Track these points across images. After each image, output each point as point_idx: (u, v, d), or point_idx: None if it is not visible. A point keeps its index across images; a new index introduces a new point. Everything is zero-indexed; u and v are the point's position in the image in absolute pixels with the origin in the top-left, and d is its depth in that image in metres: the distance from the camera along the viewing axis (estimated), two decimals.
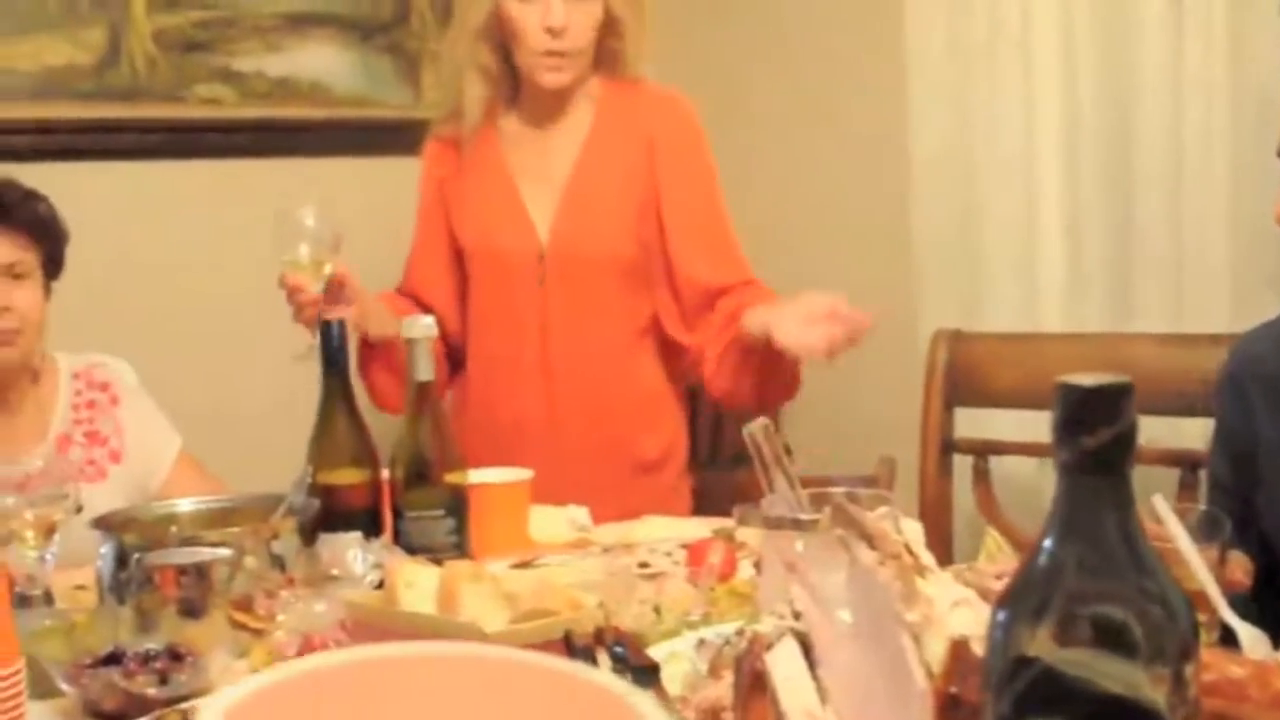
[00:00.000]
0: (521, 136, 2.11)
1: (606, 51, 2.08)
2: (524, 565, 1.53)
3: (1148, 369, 2.11)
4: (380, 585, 1.29)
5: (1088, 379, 0.57)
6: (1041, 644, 0.58)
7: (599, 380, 2.07)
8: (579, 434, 2.05)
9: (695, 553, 1.54)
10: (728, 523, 1.68)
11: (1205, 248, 2.26)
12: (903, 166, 2.59)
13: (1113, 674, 0.57)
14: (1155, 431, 2.21)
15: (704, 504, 2.16)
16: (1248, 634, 1.13)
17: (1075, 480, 0.57)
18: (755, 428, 1.41)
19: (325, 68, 2.81)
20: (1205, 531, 1.23)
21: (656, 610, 1.29)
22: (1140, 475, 1.88)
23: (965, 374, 2.21)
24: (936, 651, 0.78)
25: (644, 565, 1.60)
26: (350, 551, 1.32)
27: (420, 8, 2.94)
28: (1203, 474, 1.94)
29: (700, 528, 1.76)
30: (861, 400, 2.82)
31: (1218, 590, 1.14)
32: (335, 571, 1.30)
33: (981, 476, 2.19)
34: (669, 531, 1.75)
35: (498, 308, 2.10)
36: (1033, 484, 2.32)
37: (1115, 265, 2.38)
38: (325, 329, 1.55)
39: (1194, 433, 2.08)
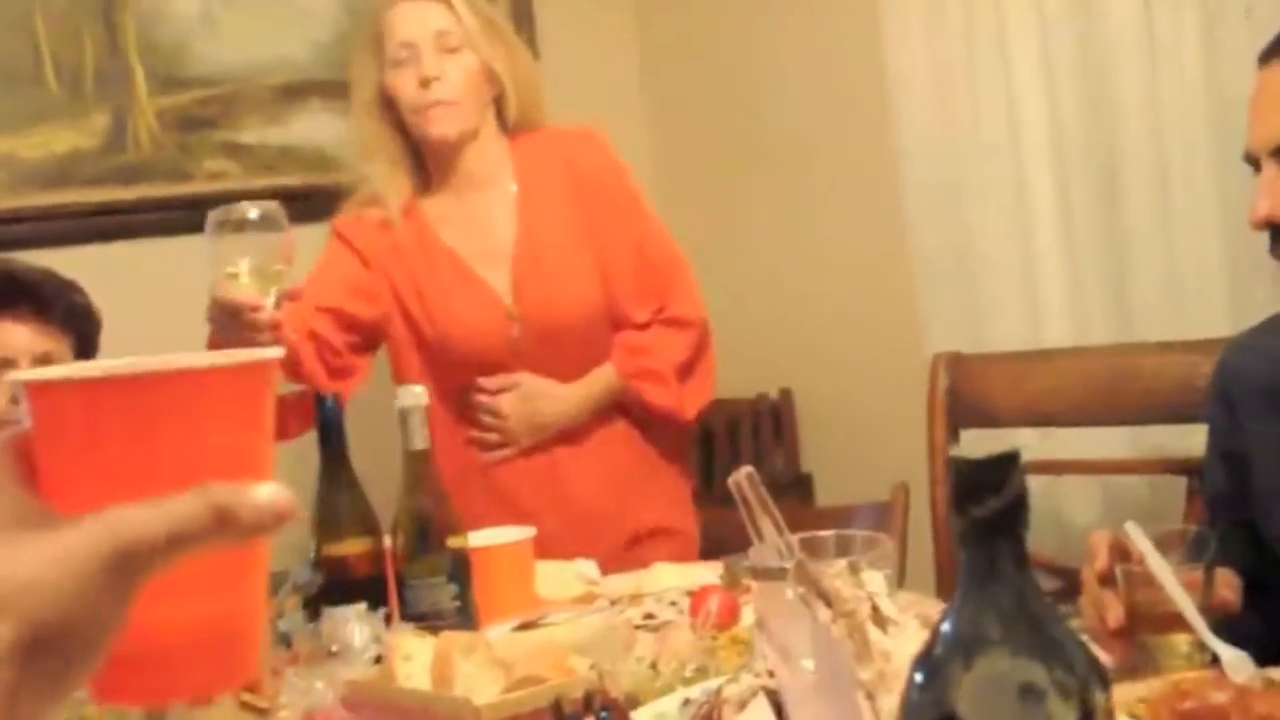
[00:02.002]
0: (451, 217, 2.12)
1: (502, 108, 2.12)
2: (529, 626, 1.55)
3: (1151, 377, 2.11)
4: (380, 659, 1.32)
5: (977, 452, 0.59)
6: (955, 702, 0.60)
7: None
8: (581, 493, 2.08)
9: (696, 601, 1.56)
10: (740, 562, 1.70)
11: (1199, 249, 2.26)
12: (896, 194, 2.60)
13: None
14: (1161, 440, 2.22)
15: (719, 541, 2.18)
16: (1230, 656, 1.14)
17: (972, 547, 0.59)
18: (740, 476, 1.43)
19: (324, 134, 2.87)
20: (1194, 552, 1.24)
21: (653, 666, 1.31)
22: (1149, 485, 1.89)
23: (968, 397, 2.22)
24: (890, 707, 0.80)
25: (649, 616, 1.63)
26: (350, 626, 1.35)
27: None
28: None
29: (709, 573, 1.78)
30: (875, 428, 2.84)
31: (1195, 612, 1.15)
32: (335, 647, 1.33)
33: None
34: (678, 579, 1.77)
35: (470, 383, 2.08)
36: (1042, 502, 2.32)
37: (1113, 275, 2.38)
38: (320, 406, 1.58)
39: (1201, 439, 2.08)
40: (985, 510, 0.58)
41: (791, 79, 2.91)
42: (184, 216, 2.68)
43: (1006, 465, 0.58)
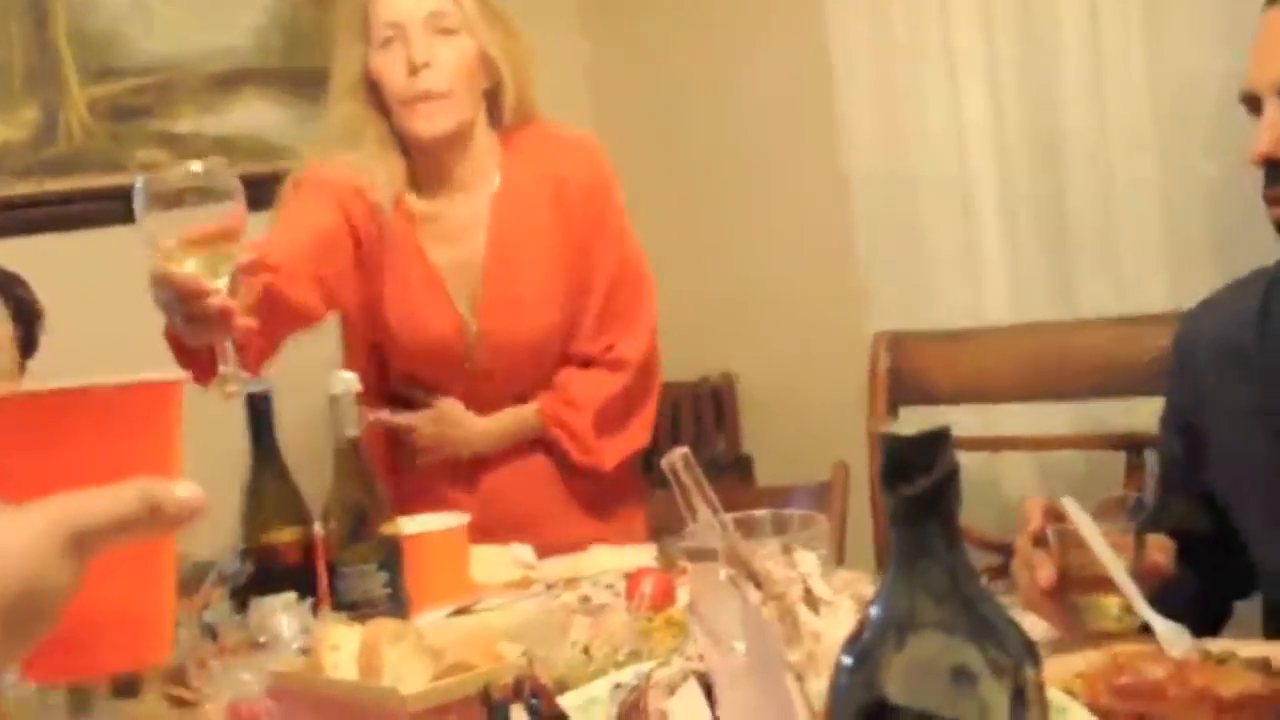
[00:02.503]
0: (430, 216, 1.95)
1: (493, 102, 1.94)
2: (462, 612, 1.53)
3: (1092, 353, 2.12)
4: (306, 649, 1.29)
5: (907, 429, 0.57)
6: (885, 684, 0.58)
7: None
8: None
9: (632, 584, 1.54)
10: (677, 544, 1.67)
11: (1139, 228, 2.26)
12: (837, 172, 2.59)
13: (955, 704, 0.57)
14: (1100, 415, 2.23)
15: (660, 524, 2.15)
16: (1164, 630, 1.13)
17: (903, 526, 0.57)
18: (674, 457, 1.41)
19: (262, 123, 2.82)
20: (1133, 518, 1.24)
21: (586, 650, 1.29)
22: (1088, 460, 1.89)
23: (908, 376, 2.21)
24: (820, 689, 0.78)
25: (585, 600, 1.60)
26: (278, 616, 1.32)
27: None
28: (1148, 455, 1.94)
29: (647, 555, 1.76)
30: (815, 407, 2.83)
31: (1128, 580, 1.15)
32: (262, 638, 1.30)
33: None
34: (615, 561, 1.75)
35: (422, 380, 2.00)
36: (981, 478, 2.33)
37: (1054, 254, 2.38)
38: (251, 405, 1.52)
39: (1145, 413, 2.09)
40: (915, 489, 0.56)
41: (736, 65, 2.90)
42: (117, 207, 2.61)
43: (937, 442, 0.56)
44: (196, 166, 1.35)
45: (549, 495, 1.98)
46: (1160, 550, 1.23)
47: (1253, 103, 1.32)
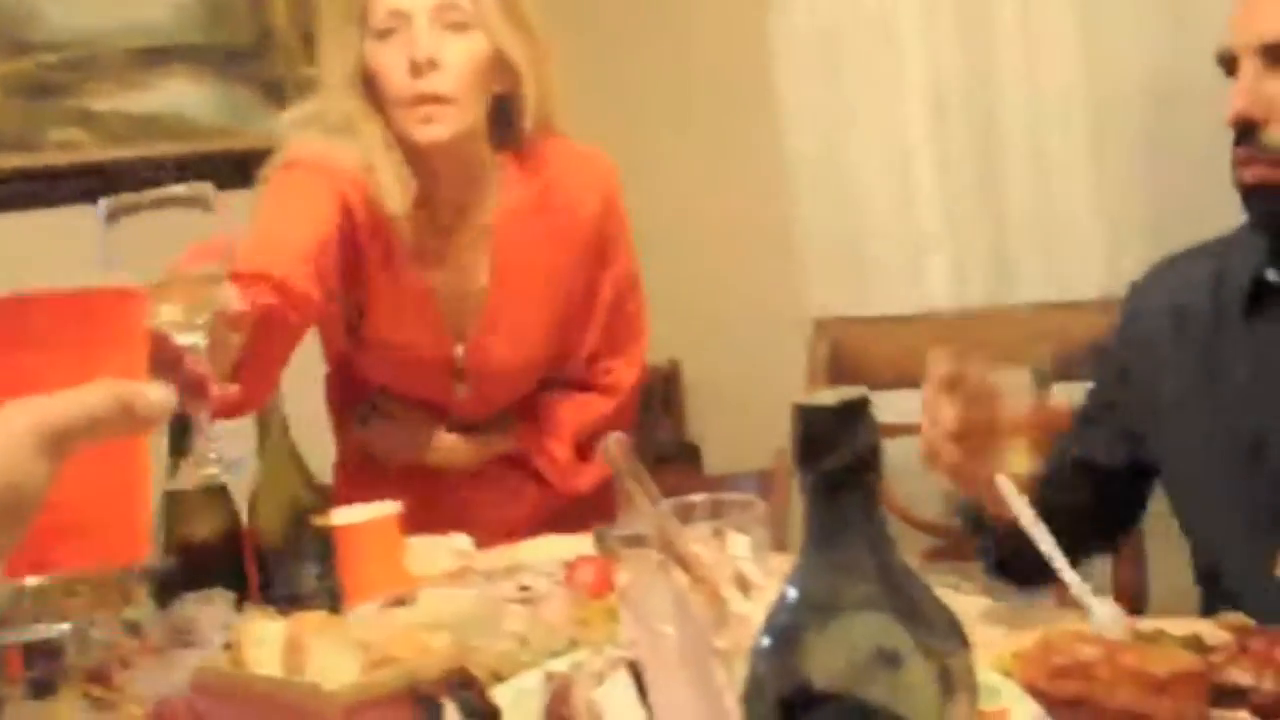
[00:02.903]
0: (426, 231, 1.74)
1: (506, 111, 1.72)
2: (396, 604, 1.49)
3: (1032, 338, 2.12)
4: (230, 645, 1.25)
5: (826, 396, 0.55)
6: (807, 669, 0.56)
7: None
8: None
9: (570, 571, 1.51)
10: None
11: (1075, 211, 2.28)
12: (778, 159, 2.58)
13: (881, 687, 0.55)
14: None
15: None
16: (1102, 612, 1.12)
17: (820, 502, 0.55)
18: (610, 442, 1.39)
19: (186, 101, 2.75)
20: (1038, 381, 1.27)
21: (522, 641, 1.27)
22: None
23: (848, 361, 2.21)
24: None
25: (524, 589, 1.58)
26: (204, 612, 1.28)
27: (280, 32, 2.88)
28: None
29: (587, 543, 1.72)
30: (761, 396, 2.81)
31: (1064, 562, 1.15)
32: (187, 635, 1.26)
33: None
34: (556, 550, 1.72)
35: (403, 388, 1.86)
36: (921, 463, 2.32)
37: (994, 238, 2.39)
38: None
39: (1076, 398, 2.10)
40: (831, 463, 0.53)
41: (673, 50, 2.87)
42: (30, 189, 2.55)
43: (854, 413, 0.54)
44: (179, 189, 1.06)
45: (523, 512, 1.88)
46: (1060, 409, 1.26)
47: (1229, 64, 1.30)
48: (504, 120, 1.74)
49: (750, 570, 0.88)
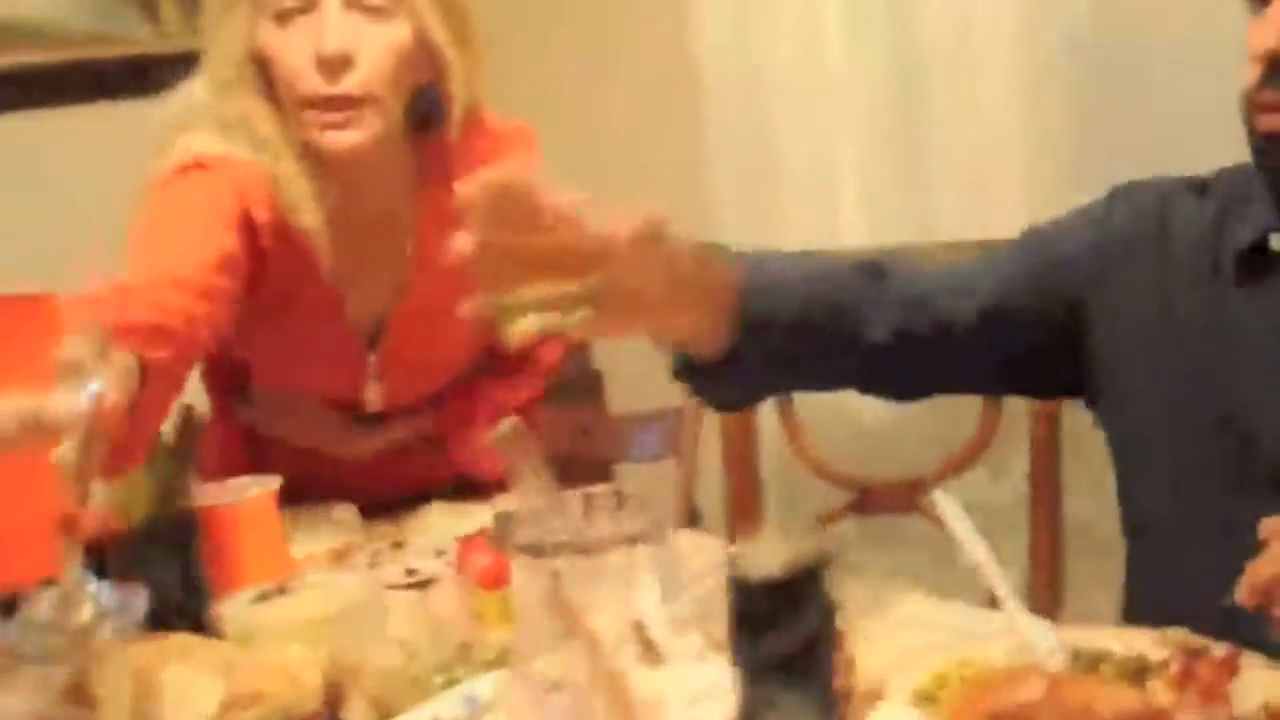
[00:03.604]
0: (342, 241, 1.52)
1: (424, 101, 1.51)
2: (270, 595, 1.36)
3: None
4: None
5: (766, 564, 0.42)
6: None
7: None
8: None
9: (464, 552, 1.39)
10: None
11: (999, 152, 2.20)
12: (690, 89, 2.47)
13: None
14: None
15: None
16: (1031, 632, 1.03)
17: (756, 690, 0.43)
18: (504, 429, 1.27)
19: (49, 6, 2.50)
20: None
21: (411, 654, 1.15)
22: (952, 403, 1.77)
23: None
24: None
25: (411, 573, 1.46)
26: (44, 625, 1.14)
27: None
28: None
29: (486, 514, 1.58)
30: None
31: (1011, 595, 1.06)
32: (29, 652, 1.12)
33: (786, 409, 2.08)
34: (448, 522, 1.60)
35: (305, 388, 1.68)
36: (840, 408, 2.24)
37: (911, 175, 2.32)
38: None
39: None
40: (776, 646, 0.41)
41: None
42: None
43: (805, 584, 0.42)
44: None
45: (418, 485, 1.71)
46: None
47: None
48: (422, 110, 1.53)
49: (658, 633, 0.77)
